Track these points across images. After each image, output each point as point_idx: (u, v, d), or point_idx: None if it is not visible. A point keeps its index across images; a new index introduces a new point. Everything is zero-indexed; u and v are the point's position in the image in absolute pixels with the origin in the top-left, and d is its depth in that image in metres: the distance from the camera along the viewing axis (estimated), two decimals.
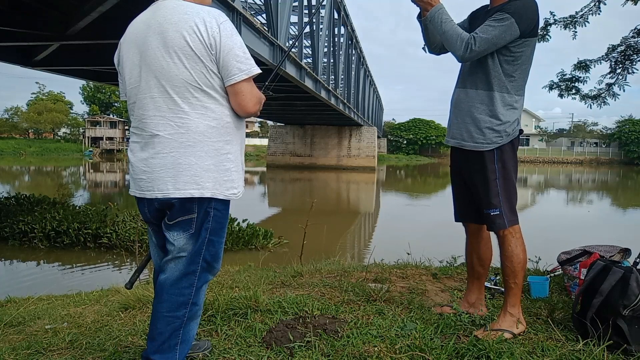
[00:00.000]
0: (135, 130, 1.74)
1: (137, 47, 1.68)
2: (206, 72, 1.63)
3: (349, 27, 26.06)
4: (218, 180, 1.68)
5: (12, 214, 9.66)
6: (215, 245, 1.76)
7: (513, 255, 2.23)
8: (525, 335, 2.21)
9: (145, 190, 1.70)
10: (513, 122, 2.23)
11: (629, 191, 28.07)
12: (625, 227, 12.83)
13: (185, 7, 1.65)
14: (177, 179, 1.64)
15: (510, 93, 2.20)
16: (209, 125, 1.66)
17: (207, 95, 1.66)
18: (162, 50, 1.62)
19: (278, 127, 42.18)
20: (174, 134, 1.63)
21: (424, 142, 62.63)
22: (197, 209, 1.68)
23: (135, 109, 1.72)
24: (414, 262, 3.86)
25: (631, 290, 2.00)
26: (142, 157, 1.70)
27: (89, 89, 61.75)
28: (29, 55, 12.53)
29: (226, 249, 8.87)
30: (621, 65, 5.87)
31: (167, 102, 1.64)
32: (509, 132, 2.21)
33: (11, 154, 48.18)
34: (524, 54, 2.16)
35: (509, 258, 2.24)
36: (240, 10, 9.76)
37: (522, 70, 2.20)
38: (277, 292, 3.00)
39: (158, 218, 1.76)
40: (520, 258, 2.24)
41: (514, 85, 2.20)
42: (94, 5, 7.97)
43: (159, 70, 1.63)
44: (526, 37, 2.12)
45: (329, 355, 1.98)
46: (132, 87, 1.72)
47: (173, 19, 1.62)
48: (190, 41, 1.60)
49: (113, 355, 2.08)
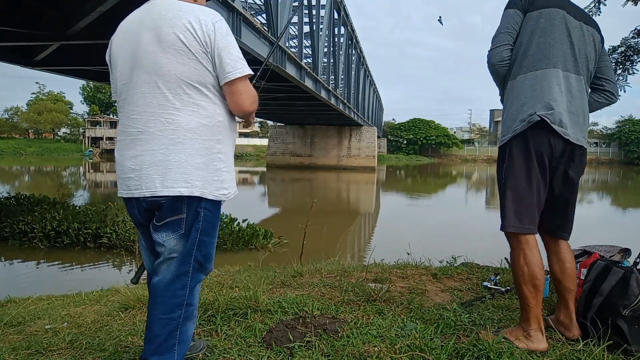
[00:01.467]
0: (123, 128, 1.69)
1: (129, 43, 1.66)
2: (200, 68, 1.61)
3: (349, 27, 26.07)
4: (208, 180, 1.65)
5: (12, 214, 9.66)
6: (206, 246, 1.73)
7: (513, 265, 2.10)
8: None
9: (134, 190, 1.65)
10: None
11: (629, 191, 28.08)
12: (625, 227, 12.83)
13: (180, 5, 1.64)
14: (166, 177, 1.60)
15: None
16: (200, 123, 1.63)
17: (199, 93, 1.62)
18: (155, 46, 1.59)
19: (278, 127, 42.18)
20: (164, 130, 1.60)
21: (424, 142, 62.66)
22: (186, 208, 1.64)
23: (125, 105, 1.68)
24: (414, 262, 3.86)
25: (631, 290, 2.00)
26: (130, 154, 1.65)
27: (89, 89, 61.77)
28: (29, 55, 12.53)
29: (226, 249, 8.89)
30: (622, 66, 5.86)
31: (157, 98, 1.60)
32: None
33: (11, 154, 48.20)
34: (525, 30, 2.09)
35: (512, 267, 2.13)
36: (240, 10, 9.77)
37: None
38: (277, 292, 3.00)
39: (147, 219, 1.73)
40: (523, 271, 2.03)
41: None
42: (94, 5, 7.98)
43: (151, 65, 1.60)
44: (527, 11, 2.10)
45: (329, 355, 1.98)
46: (123, 84, 1.69)
47: (167, 16, 1.60)
48: (184, 38, 1.57)
49: (113, 355, 2.08)
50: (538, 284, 2.01)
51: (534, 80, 2.03)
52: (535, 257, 2.03)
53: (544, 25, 2.06)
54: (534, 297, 2.02)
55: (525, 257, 2.03)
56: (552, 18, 2.07)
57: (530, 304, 2.03)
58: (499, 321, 2.38)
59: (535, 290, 2.02)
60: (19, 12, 9.06)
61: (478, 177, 37.97)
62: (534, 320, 2.04)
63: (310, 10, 17.52)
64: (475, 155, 63.13)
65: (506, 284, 3.05)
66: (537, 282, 2.01)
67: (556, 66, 2.03)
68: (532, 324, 2.04)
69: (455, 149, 64.60)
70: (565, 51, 2.06)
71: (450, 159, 62.39)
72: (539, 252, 2.06)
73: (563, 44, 2.05)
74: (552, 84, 2.01)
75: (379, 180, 32.87)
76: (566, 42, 2.06)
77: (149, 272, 1.84)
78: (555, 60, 2.03)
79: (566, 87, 2.03)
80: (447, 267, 3.64)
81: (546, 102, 1.98)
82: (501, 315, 2.47)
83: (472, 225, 12.95)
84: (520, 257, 2.04)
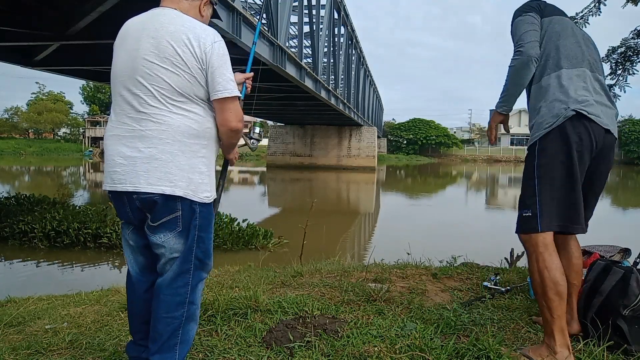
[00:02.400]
0: (115, 124, 1.73)
1: (129, 45, 1.72)
2: (194, 82, 1.68)
3: (349, 27, 26.05)
4: (193, 181, 1.70)
5: (12, 214, 9.66)
6: (205, 242, 1.77)
7: (532, 272, 1.97)
8: (525, 335, 2.22)
9: (118, 183, 1.69)
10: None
11: (629, 191, 28.07)
12: (625, 227, 12.83)
13: (184, 19, 1.70)
14: (150, 174, 1.65)
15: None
16: (190, 127, 1.69)
17: (191, 101, 1.70)
18: (152, 54, 1.66)
19: (278, 127, 42.17)
20: (154, 130, 1.65)
21: (424, 142, 62.64)
22: (180, 206, 1.69)
23: (120, 103, 1.72)
24: (414, 262, 3.86)
25: (631, 290, 2.00)
26: (119, 150, 1.70)
27: (89, 89, 61.74)
28: (29, 55, 12.53)
29: (226, 249, 8.89)
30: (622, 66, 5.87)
31: (150, 100, 1.66)
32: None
33: (11, 154, 48.19)
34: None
35: (530, 274, 2.01)
36: (240, 10, 9.76)
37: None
38: (277, 292, 3.00)
39: (138, 219, 1.76)
40: (543, 276, 1.89)
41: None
42: (94, 5, 7.98)
43: (147, 72, 1.66)
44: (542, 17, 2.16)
45: (329, 355, 1.98)
46: (119, 80, 1.73)
47: (169, 28, 1.67)
48: (182, 52, 1.64)
49: (113, 355, 2.09)
50: (561, 290, 1.87)
51: (559, 79, 2.03)
52: (556, 261, 1.91)
53: (559, 30, 2.13)
54: (559, 306, 1.87)
55: (544, 261, 1.90)
56: (565, 23, 2.16)
57: (554, 314, 1.87)
58: (499, 321, 2.38)
59: (559, 298, 1.87)
60: (19, 12, 9.06)
61: (478, 177, 37.98)
62: (559, 333, 1.87)
63: (310, 10, 17.51)
64: (475, 155, 63.09)
65: (506, 284, 3.05)
66: (560, 288, 1.87)
67: (580, 66, 2.06)
68: (557, 339, 1.87)
69: (455, 149, 64.60)
70: (583, 52, 2.11)
71: (450, 159, 62.38)
72: (557, 256, 1.94)
73: (581, 46, 2.11)
74: (580, 81, 2.02)
75: (379, 180, 32.87)
76: (582, 44, 2.13)
77: (129, 271, 1.87)
78: (576, 61, 2.06)
79: (592, 84, 2.05)
80: (447, 267, 3.64)
81: (578, 97, 1.98)
82: (501, 315, 2.47)
83: (472, 225, 12.95)
84: (539, 262, 1.91)
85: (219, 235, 8.51)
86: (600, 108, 2.01)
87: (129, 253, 1.86)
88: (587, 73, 2.06)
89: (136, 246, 1.82)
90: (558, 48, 2.07)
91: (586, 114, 1.94)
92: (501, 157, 59.20)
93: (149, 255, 1.81)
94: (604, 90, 2.10)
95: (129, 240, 1.84)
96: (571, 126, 1.94)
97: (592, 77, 2.06)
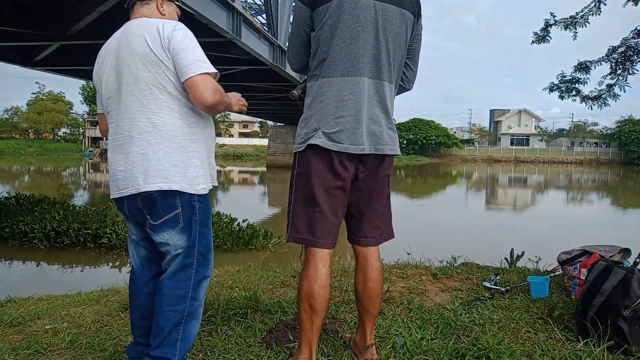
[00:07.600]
0: (112, 136, 1.84)
1: (111, 60, 1.82)
2: (168, 73, 1.73)
3: None
4: (187, 176, 1.76)
5: (12, 214, 9.65)
6: (205, 237, 1.84)
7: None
8: (525, 335, 2.21)
9: (123, 189, 1.79)
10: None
11: (629, 191, 28.07)
12: (625, 227, 12.84)
13: (148, 20, 1.80)
14: (147, 174, 1.73)
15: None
16: (175, 124, 1.75)
17: (171, 97, 1.75)
18: (130, 59, 1.74)
19: (278, 127, 42.17)
20: (143, 133, 1.74)
21: (424, 142, 62.63)
22: (179, 202, 1.76)
23: (113, 116, 1.83)
24: (414, 262, 3.86)
25: (633, 291, 2.00)
26: (117, 159, 1.80)
27: (89, 89, 61.67)
28: (29, 55, 12.53)
29: (226, 249, 8.88)
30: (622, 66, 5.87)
31: (135, 105, 1.75)
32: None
33: (11, 154, 48.22)
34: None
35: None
36: (240, 10, 9.76)
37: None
38: (277, 292, 3.01)
39: (140, 217, 1.83)
40: (301, 286, 1.78)
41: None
42: (94, 5, 7.97)
43: (129, 76, 1.75)
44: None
45: (329, 355, 1.98)
46: (108, 97, 1.84)
47: (137, 31, 1.77)
48: (153, 47, 1.72)
49: (113, 355, 2.09)
50: (314, 304, 1.73)
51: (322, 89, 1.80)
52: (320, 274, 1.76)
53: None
54: (309, 320, 1.74)
55: (305, 272, 1.80)
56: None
57: (304, 326, 1.76)
58: (499, 321, 2.38)
59: (311, 311, 1.73)
60: (19, 12, 9.06)
61: (478, 177, 37.98)
62: (306, 347, 1.78)
63: None
64: (475, 155, 63.06)
65: (506, 284, 3.05)
66: (313, 301, 1.73)
67: (359, 74, 1.74)
68: (303, 351, 1.78)
69: (455, 149, 64.56)
70: (370, 52, 1.74)
71: (450, 159, 62.35)
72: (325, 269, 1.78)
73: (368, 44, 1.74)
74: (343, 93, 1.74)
75: None
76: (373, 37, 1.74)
77: (133, 267, 1.96)
78: (356, 67, 1.74)
79: (367, 95, 1.76)
80: (447, 267, 3.64)
81: (332, 117, 1.74)
82: (501, 315, 2.47)
83: (472, 225, 12.94)
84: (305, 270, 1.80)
85: (219, 235, 8.51)
86: (363, 125, 1.78)
87: (132, 247, 1.95)
88: (368, 82, 1.79)
89: (138, 239, 1.91)
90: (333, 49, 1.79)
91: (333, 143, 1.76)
92: (501, 157, 59.22)
93: (150, 247, 1.89)
94: (381, 99, 1.82)
95: (131, 235, 1.93)
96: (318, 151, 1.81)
97: (373, 86, 1.80)
